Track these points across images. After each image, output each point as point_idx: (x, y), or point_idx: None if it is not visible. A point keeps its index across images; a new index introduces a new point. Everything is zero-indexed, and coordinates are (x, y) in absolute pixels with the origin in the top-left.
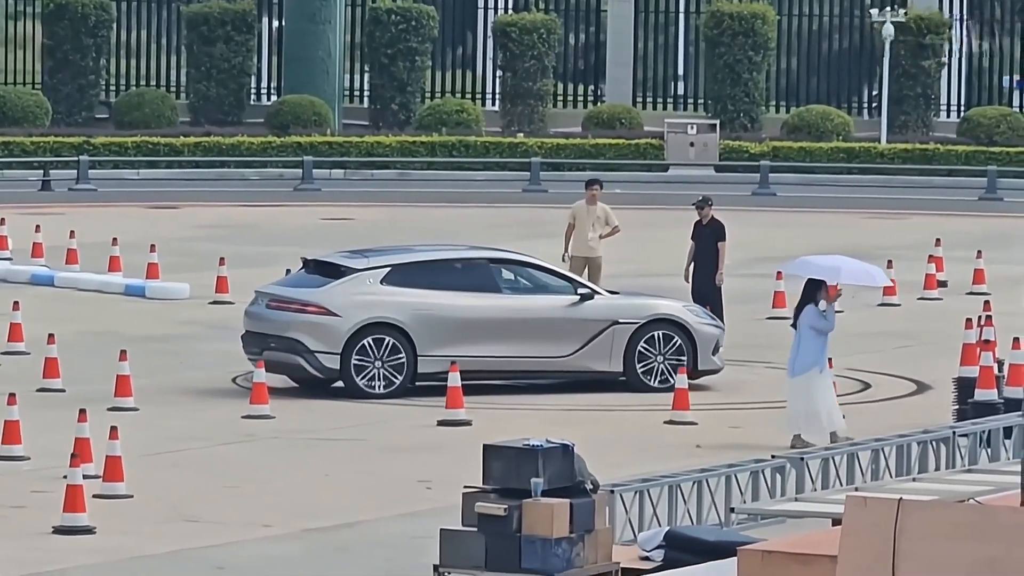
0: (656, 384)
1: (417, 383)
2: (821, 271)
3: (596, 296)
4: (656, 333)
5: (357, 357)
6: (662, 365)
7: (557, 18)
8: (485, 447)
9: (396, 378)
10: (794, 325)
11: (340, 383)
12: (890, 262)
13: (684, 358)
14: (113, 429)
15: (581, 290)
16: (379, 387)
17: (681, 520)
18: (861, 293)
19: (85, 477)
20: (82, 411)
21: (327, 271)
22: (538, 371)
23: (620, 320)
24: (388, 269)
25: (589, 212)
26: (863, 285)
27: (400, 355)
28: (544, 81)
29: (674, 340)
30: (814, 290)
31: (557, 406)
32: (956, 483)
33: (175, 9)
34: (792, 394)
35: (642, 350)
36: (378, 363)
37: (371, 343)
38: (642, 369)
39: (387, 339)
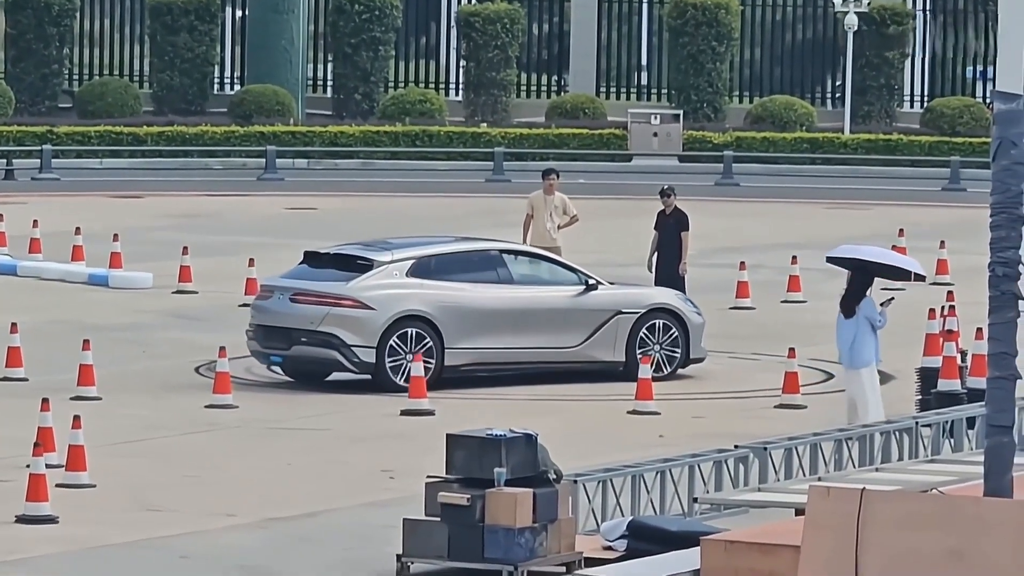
0: (655, 373)
1: (444, 376)
2: (870, 252)
3: (600, 286)
4: (655, 323)
5: (390, 351)
6: (659, 354)
7: (520, 8)
8: (448, 437)
9: (426, 371)
10: (846, 315)
11: (367, 377)
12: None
13: (679, 348)
14: (76, 418)
15: (585, 280)
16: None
17: (644, 510)
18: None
19: (48, 466)
20: (45, 400)
21: (342, 264)
22: (549, 362)
23: (623, 310)
24: (412, 261)
25: (547, 202)
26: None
27: (430, 348)
28: (507, 71)
29: (671, 330)
30: (866, 281)
31: (520, 396)
32: (919, 473)
33: None
34: (856, 384)
35: (643, 340)
36: (409, 356)
37: (403, 336)
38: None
39: (418, 332)
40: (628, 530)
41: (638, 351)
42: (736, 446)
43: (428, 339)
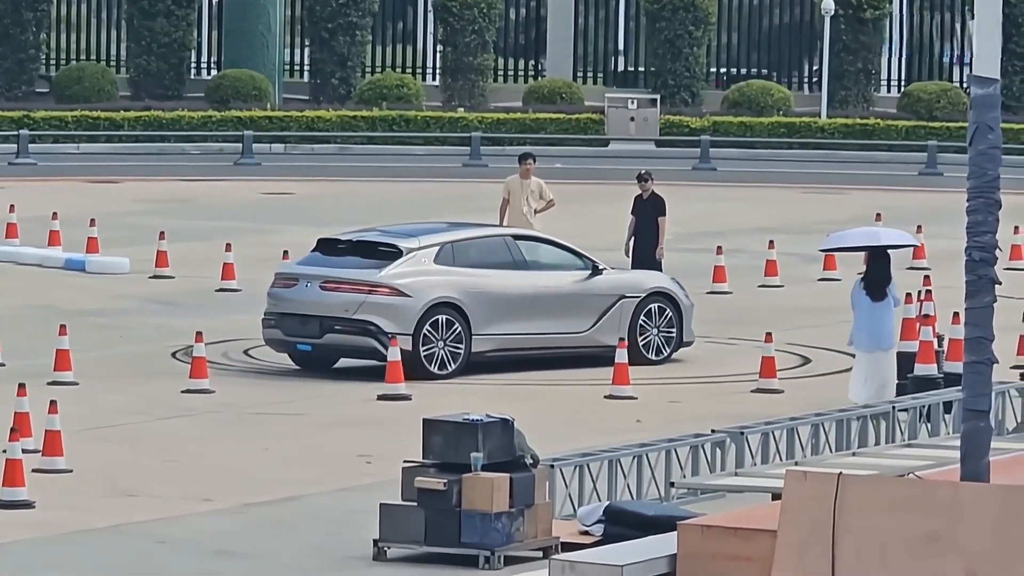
0: (653, 357)
1: (471, 362)
2: (859, 238)
3: (604, 271)
4: (653, 306)
5: (424, 338)
6: (656, 338)
7: None
8: (425, 421)
9: (456, 358)
10: (877, 298)
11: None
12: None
13: (674, 331)
14: (53, 403)
15: (591, 265)
16: (446, 367)
17: (621, 495)
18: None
19: (24, 451)
20: (21, 385)
21: (364, 251)
22: (562, 347)
23: (627, 294)
24: (438, 248)
25: (523, 186)
26: (903, 244)
27: (459, 334)
28: (484, 56)
29: (667, 313)
30: (886, 262)
31: (497, 381)
32: (896, 458)
33: None
34: (888, 365)
35: (642, 324)
36: (441, 343)
37: (435, 324)
38: (641, 342)
39: (449, 319)
40: (605, 515)
41: (639, 335)
42: (713, 431)
43: (458, 326)
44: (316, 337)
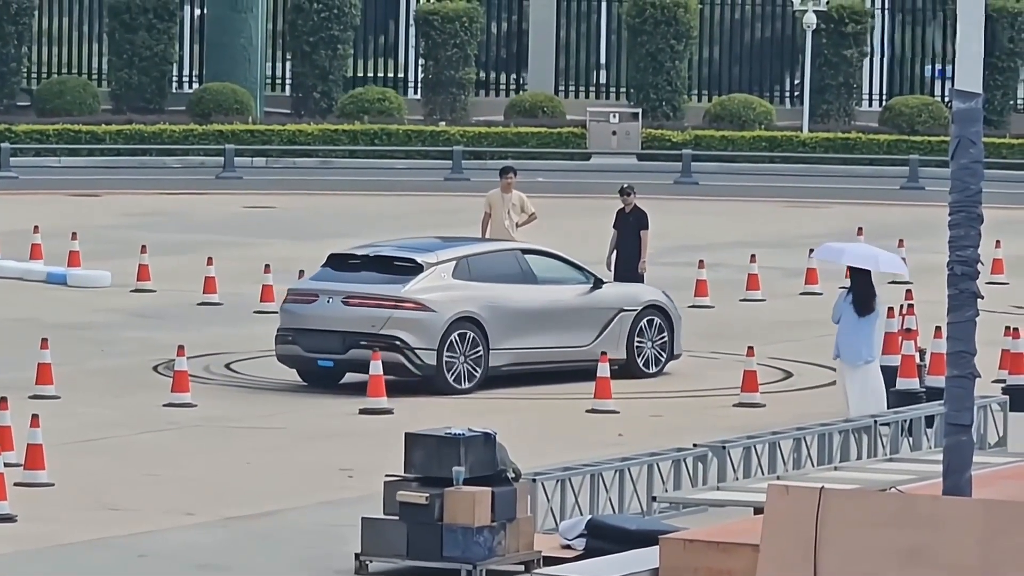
0: (648, 369)
1: (489, 376)
2: (857, 259)
3: (603, 284)
4: (648, 319)
5: (448, 353)
6: (651, 351)
7: (479, 6)
8: (407, 435)
9: (476, 372)
10: (864, 312)
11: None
12: (812, 251)
13: (666, 343)
14: (34, 417)
15: (592, 278)
16: (464, 382)
17: (603, 509)
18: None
19: (6, 465)
20: (3, 399)
21: (380, 266)
22: (568, 361)
23: (625, 308)
24: (455, 262)
25: (504, 200)
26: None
27: (479, 349)
28: (466, 70)
29: (660, 326)
30: (869, 277)
31: (479, 395)
32: (878, 472)
33: None
34: (876, 376)
35: (638, 337)
36: (461, 358)
37: (458, 338)
38: (638, 355)
39: (469, 333)
40: (587, 529)
41: (635, 349)
42: (695, 445)
43: (478, 340)
44: (339, 353)
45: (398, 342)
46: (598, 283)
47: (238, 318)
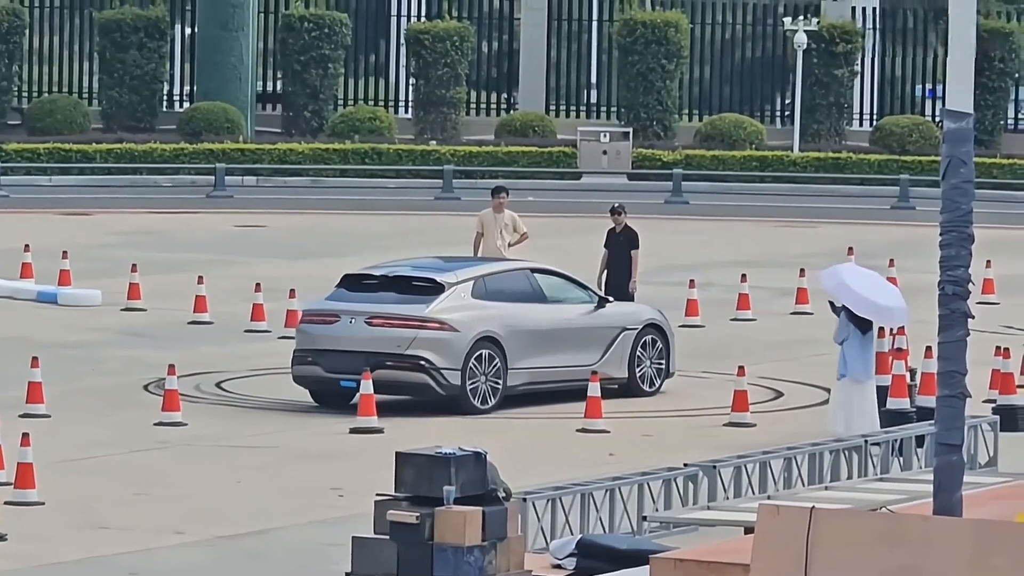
0: (648, 388)
1: (506, 396)
2: (861, 304)
3: (607, 303)
4: (647, 338)
5: (471, 373)
6: (650, 369)
7: (470, 26)
8: (397, 455)
9: (496, 392)
10: (866, 329)
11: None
12: (803, 270)
13: (663, 362)
14: (25, 436)
15: (596, 297)
16: (486, 402)
17: (593, 528)
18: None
19: None
20: None
21: (398, 286)
22: (576, 380)
23: (627, 326)
24: (473, 282)
25: (496, 220)
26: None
27: (498, 368)
28: (457, 89)
29: (658, 345)
30: None
31: (469, 415)
32: (868, 492)
33: (88, 15)
34: (871, 393)
35: (639, 355)
36: (483, 378)
37: (480, 358)
38: (638, 374)
39: (490, 353)
40: (577, 548)
41: (636, 368)
42: (685, 464)
43: (497, 360)
44: (359, 373)
45: (423, 362)
46: (602, 302)
47: (229, 337)
